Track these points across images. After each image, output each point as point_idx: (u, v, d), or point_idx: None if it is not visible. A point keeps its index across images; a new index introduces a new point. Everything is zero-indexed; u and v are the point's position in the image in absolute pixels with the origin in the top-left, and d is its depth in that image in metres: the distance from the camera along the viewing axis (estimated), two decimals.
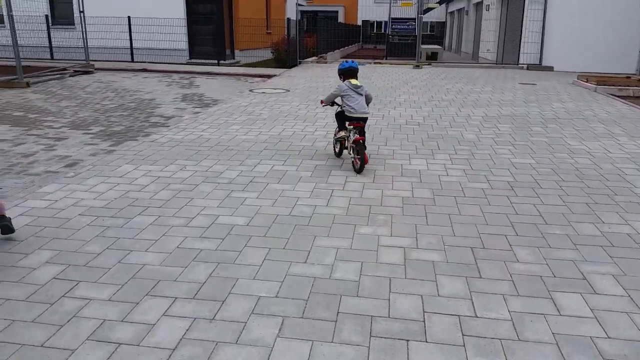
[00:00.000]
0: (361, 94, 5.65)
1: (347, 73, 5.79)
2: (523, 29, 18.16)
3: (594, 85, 12.29)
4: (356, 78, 5.77)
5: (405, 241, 3.86)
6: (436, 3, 27.81)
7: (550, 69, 17.91)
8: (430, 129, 7.91)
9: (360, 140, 5.47)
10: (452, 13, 37.45)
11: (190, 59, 20.13)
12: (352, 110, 5.57)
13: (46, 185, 5.01)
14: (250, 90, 11.87)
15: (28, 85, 11.80)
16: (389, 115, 8.93)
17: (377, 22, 44.80)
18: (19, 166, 5.80)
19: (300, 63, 19.22)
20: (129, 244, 3.73)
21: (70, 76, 14.04)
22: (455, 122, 8.40)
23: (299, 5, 39.64)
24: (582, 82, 13.21)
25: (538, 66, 18.04)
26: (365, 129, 5.78)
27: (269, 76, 15.27)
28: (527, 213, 4.46)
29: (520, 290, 3.17)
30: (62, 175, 5.39)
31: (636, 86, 12.16)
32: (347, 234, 3.98)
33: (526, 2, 17.85)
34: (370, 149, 6.45)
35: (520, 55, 18.45)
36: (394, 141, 7.06)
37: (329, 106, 6.15)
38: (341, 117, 5.81)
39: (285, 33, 17.82)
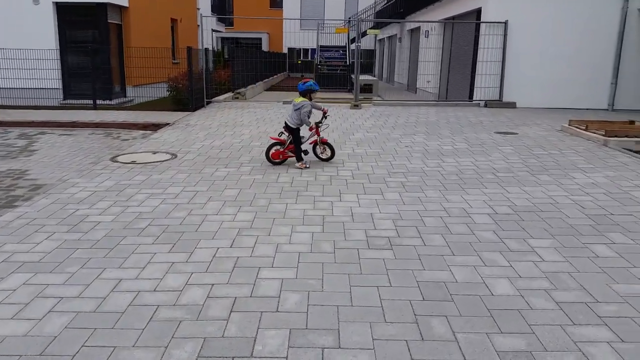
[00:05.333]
0: (293, 109, 7.18)
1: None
2: (477, 58, 15.11)
3: (602, 137, 9.04)
4: (306, 97, 7.23)
5: None
6: (373, 29, 24.84)
7: (513, 105, 14.90)
8: (416, 261, 4.07)
9: (274, 140, 7.38)
10: (381, 40, 34.72)
11: (64, 99, 15.55)
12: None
13: None
14: (113, 159, 7.63)
15: None
16: (333, 218, 5.04)
17: (303, 49, 41.58)
18: None
19: (209, 103, 15.14)
20: None
21: None
22: (455, 236, 4.60)
23: (215, 31, 35.79)
24: (577, 129, 9.98)
25: (498, 102, 14.97)
26: None
27: (159, 126, 11.06)
28: None
29: None
30: None
31: None
32: None
33: (482, 27, 14.82)
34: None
35: (475, 89, 15.35)
36: (355, 323, 3.14)
37: None
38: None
39: (187, 65, 13.73)
